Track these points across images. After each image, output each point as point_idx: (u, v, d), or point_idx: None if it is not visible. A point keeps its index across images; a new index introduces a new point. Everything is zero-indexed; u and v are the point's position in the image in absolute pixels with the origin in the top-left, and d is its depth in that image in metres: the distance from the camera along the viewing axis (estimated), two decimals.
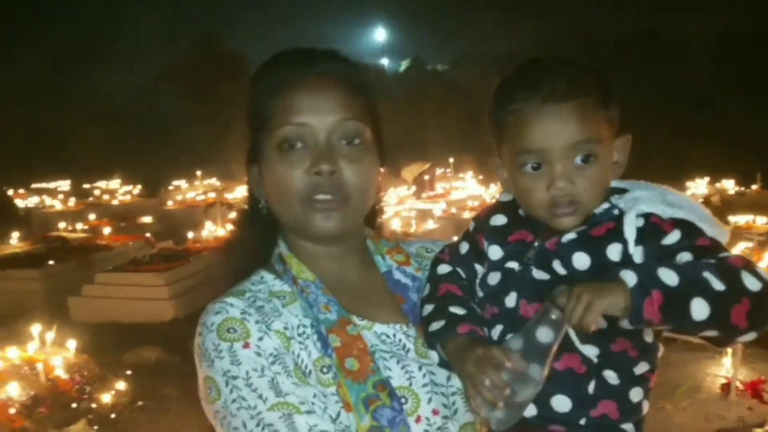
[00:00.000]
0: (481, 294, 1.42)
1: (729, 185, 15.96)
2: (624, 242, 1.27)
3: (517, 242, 1.39)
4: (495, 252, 1.41)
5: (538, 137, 1.30)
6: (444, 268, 1.47)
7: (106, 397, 5.24)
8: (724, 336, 1.18)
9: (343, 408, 1.25)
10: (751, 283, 1.14)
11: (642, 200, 1.30)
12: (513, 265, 1.38)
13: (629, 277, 1.13)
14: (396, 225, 11.23)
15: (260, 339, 1.28)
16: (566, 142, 1.28)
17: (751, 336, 1.17)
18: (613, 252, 1.27)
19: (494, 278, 1.39)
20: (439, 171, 17.84)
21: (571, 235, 1.32)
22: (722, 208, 13.19)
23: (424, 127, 23.90)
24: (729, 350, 5.28)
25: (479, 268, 1.45)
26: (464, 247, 1.49)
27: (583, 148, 1.29)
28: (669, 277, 1.13)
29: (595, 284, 1.16)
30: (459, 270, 1.46)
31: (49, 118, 28.55)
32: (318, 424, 1.21)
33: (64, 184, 22.04)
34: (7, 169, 20.03)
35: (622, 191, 1.36)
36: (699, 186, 15.61)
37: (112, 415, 5.14)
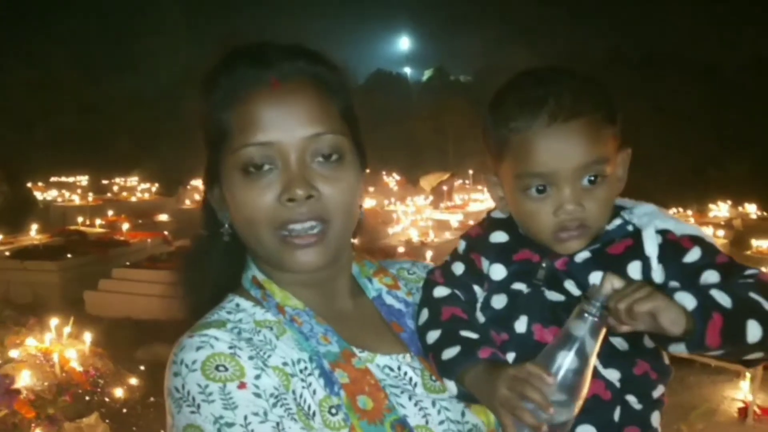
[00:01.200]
0: (483, 318, 1.31)
1: (751, 209, 15.82)
2: (644, 260, 1.21)
3: (523, 262, 1.30)
4: (498, 272, 1.32)
5: (545, 159, 1.21)
6: (441, 291, 1.35)
7: (119, 392, 5.24)
8: (764, 357, 1.14)
9: None
10: None
11: (654, 215, 1.25)
12: (520, 286, 1.29)
13: (688, 300, 1.06)
14: (413, 234, 11.23)
15: (257, 377, 1.09)
16: (575, 164, 1.20)
17: None
18: (634, 270, 1.21)
19: (500, 301, 1.29)
20: (458, 182, 17.82)
21: (584, 254, 1.26)
22: (744, 232, 13.06)
23: (444, 137, 23.89)
24: (747, 374, 5.21)
25: (478, 290, 1.35)
26: (459, 268, 1.37)
27: (592, 169, 1.21)
28: (724, 299, 1.07)
29: (657, 290, 1.07)
30: (457, 292, 1.35)
31: (70, 113, 28.85)
32: None
33: (83, 179, 22.21)
34: (27, 161, 20.20)
35: (620, 208, 1.31)
36: (721, 209, 15.48)
37: (124, 410, 5.15)
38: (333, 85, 1.23)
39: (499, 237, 1.35)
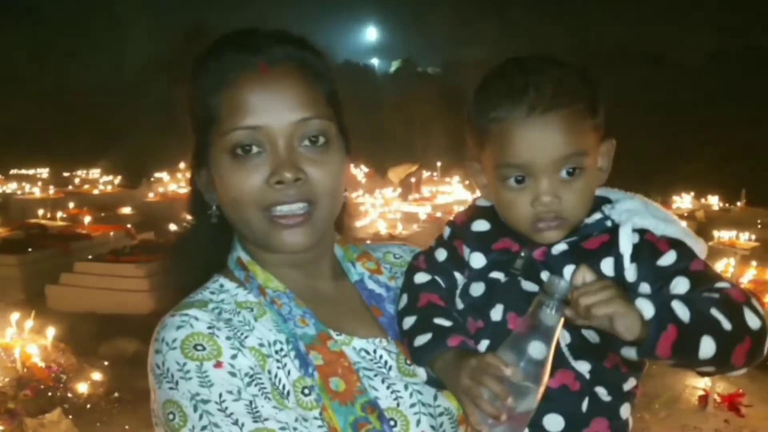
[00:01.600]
0: (461, 305, 1.33)
1: (714, 201, 16.14)
2: (618, 257, 1.22)
3: (502, 251, 1.31)
4: (477, 260, 1.33)
5: (522, 150, 1.21)
6: (422, 277, 1.37)
7: (82, 387, 5.16)
8: (716, 371, 1.14)
9: None
10: (753, 322, 1.10)
11: (635, 213, 1.25)
12: (498, 275, 1.30)
13: (647, 308, 1.06)
14: (381, 227, 11.23)
15: (233, 357, 1.13)
16: (553, 156, 1.20)
17: (741, 372, 1.14)
18: (607, 267, 1.22)
19: (477, 289, 1.31)
20: (426, 174, 17.86)
21: (561, 246, 1.26)
22: (707, 223, 13.33)
23: (412, 129, 23.93)
24: None
25: (459, 277, 1.36)
26: (441, 254, 1.39)
27: (570, 161, 1.21)
28: (683, 311, 1.07)
29: (621, 292, 1.07)
30: (438, 278, 1.36)
31: (29, 104, 28.26)
32: None
33: (43, 172, 21.80)
34: None
35: (604, 200, 1.31)
36: (684, 201, 15.76)
37: (88, 405, 5.07)
38: (319, 71, 1.26)
39: (480, 225, 1.36)
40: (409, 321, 1.29)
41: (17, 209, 14.47)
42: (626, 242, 1.21)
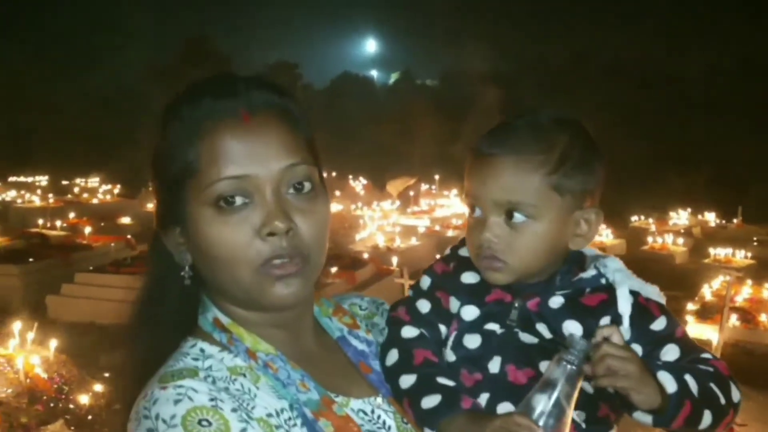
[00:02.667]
0: (453, 357, 1.31)
1: (710, 218, 16.20)
2: (617, 317, 1.25)
3: (495, 302, 1.32)
4: (470, 312, 1.32)
5: (475, 182, 1.28)
6: (410, 331, 1.34)
7: (84, 399, 5.18)
8: None
9: None
10: (736, 396, 1.20)
11: (625, 274, 1.29)
12: (494, 327, 1.30)
13: (669, 383, 1.13)
14: (380, 240, 11.25)
15: (243, 431, 1.03)
16: (494, 196, 1.25)
17: None
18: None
19: (473, 341, 1.30)
20: (424, 187, 17.90)
21: (558, 300, 1.28)
22: (703, 240, 13.40)
23: (411, 141, 23.97)
24: None
25: (443, 329, 1.35)
26: (424, 306, 1.37)
27: (512, 206, 1.25)
28: (694, 386, 1.15)
29: (644, 363, 1.13)
30: (425, 332, 1.34)
31: (28, 112, 28.27)
32: None
33: (42, 179, 21.80)
34: None
35: (579, 254, 1.34)
36: (681, 217, 15.83)
37: (89, 417, 5.09)
38: (298, 117, 1.21)
39: (469, 278, 1.35)
40: (408, 380, 1.27)
41: (17, 218, 14.48)
42: (625, 304, 1.25)
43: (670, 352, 1.23)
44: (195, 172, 1.12)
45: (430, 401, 1.22)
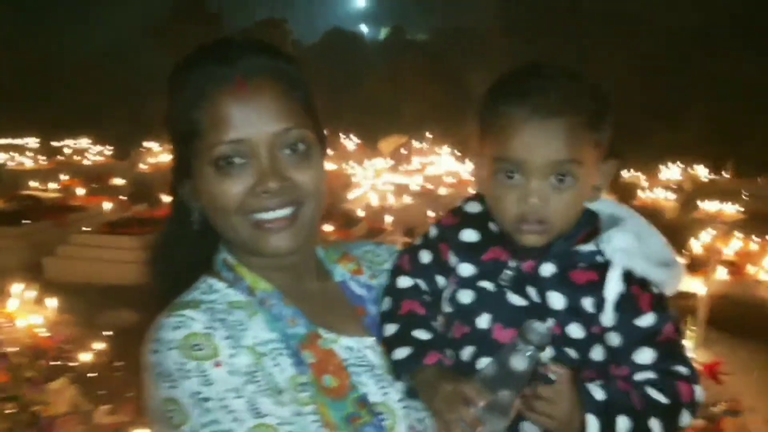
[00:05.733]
0: (449, 309, 1.36)
1: (701, 171, 16.26)
2: (601, 300, 1.25)
3: (491, 261, 1.33)
4: (466, 269, 1.35)
5: (518, 147, 1.24)
6: (404, 281, 1.40)
7: (85, 357, 5.28)
8: None
9: (323, 427, 1.18)
10: (684, 422, 1.23)
11: (627, 253, 1.26)
12: (487, 284, 1.32)
13: (593, 426, 1.16)
14: (373, 198, 11.29)
15: (231, 356, 1.17)
16: (545, 159, 1.23)
17: None
18: (588, 305, 1.26)
19: (466, 296, 1.33)
20: (416, 145, 17.89)
21: (549, 268, 1.29)
22: (693, 193, 13.47)
23: (402, 98, 23.84)
24: (688, 333, 5.46)
25: (441, 280, 1.39)
26: (426, 257, 1.41)
27: (562, 168, 1.24)
28: (624, 427, 1.17)
29: (565, 404, 1.16)
30: (420, 283, 1.40)
31: (15, 72, 27.89)
32: None
33: (32, 141, 21.66)
34: None
35: (592, 216, 1.34)
36: (672, 171, 15.89)
37: (92, 375, 5.19)
38: (294, 80, 1.28)
39: (469, 236, 1.38)
40: (390, 329, 1.33)
41: (9, 180, 14.42)
42: (612, 290, 1.24)
43: (645, 355, 1.23)
44: (199, 133, 1.23)
45: (400, 353, 1.29)
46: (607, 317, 1.24)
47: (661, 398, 1.20)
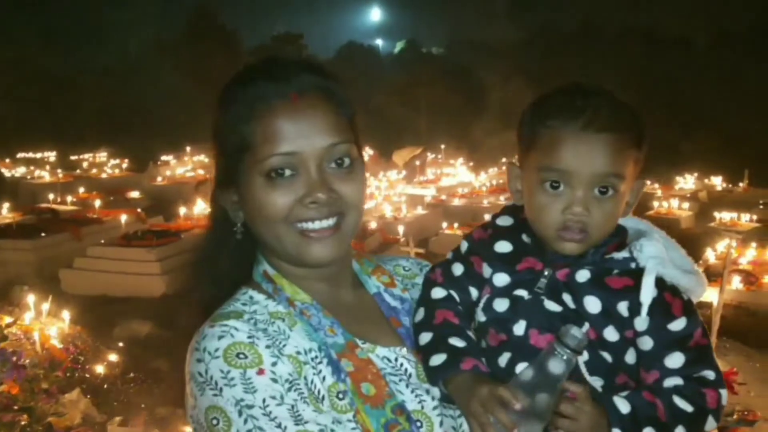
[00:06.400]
0: (484, 318, 1.40)
1: (717, 182, 16.15)
2: (636, 305, 1.30)
3: (526, 270, 1.39)
4: (501, 279, 1.41)
5: (568, 158, 1.31)
6: (438, 292, 1.46)
7: (99, 368, 5.32)
8: None
9: None
10: (710, 425, 1.27)
11: (659, 262, 1.32)
12: (522, 293, 1.37)
13: None
14: (387, 210, 11.30)
15: (274, 364, 1.22)
16: (594, 170, 1.31)
17: None
18: (623, 309, 1.32)
19: (501, 305, 1.38)
20: (430, 156, 17.90)
21: (585, 274, 1.35)
22: (709, 204, 13.38)
23: (416, 111, 23.91)
24: None
25: (474, 292, 1.45)
26: (458, 269, 1.48)
27: (606, 180, 1.31)
28: None
29: (586, 420, 1.21)
30: (453, 293, 1.45)
31: (35, 87, 28.27)
32: None
33: (51, 155, 21.89)
34: None
35: (621, 229, 1.41)
36: (687, 181, 15.78)
37: (105, 386, 5.23)
38: (341, 98, 1.36)
39: (503, 247, 1.44)
40: (425, 337, 1.38)
41: (27, 193, 14.58)
42: (647, 295, 1.30)
43: (675, 359, 1.28)
44: (250, 146, 1.30)
45: (437, 359, 1.33)
46: (642, 321, 1.30)
47: (687, 407, 1.25)
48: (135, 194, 14.39)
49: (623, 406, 1.23)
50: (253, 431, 1.16)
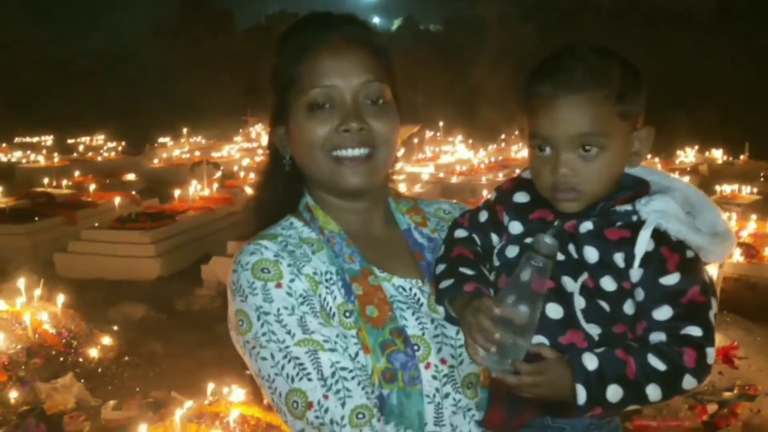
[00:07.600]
0: (497, 263, 1.49)
1: (717, 155, 16.08)
2: (631, 256, 1.33)
3: (538, 220, 1.46)
4: (516, 227, 1.49)
5: (545, 124, 1.36)
6: (461, 233, 1.55)
7: (93, 352, 5.27)
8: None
9: (362, 349, 1.37)
10: (688, 384, 1.28)
11: (661, 216, 1.34)
12: (531, 241, 1.40)
13: (581, 395, 1.26)
14: None
15: (291, 281, 1.39)
16: (570, 133, 1.34)
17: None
18: (619, 259, 1.35)
19: (512, 251, 1.46)
20: (428, 134, 17.80)
21: (588, 225, 1.39)
22: (710, 177, 13.32)
23: (414, 88, 23.76)
24: None
25: (495, 238, 1.53)
26: (483, 216, 1.56)
27: (586, 140, 1.34)
28: (615, 395, 1.26)
29: (555, 379, 1.28)
30: (475, 236, 1.54)
31: (32, 71, 28.12)
32: (339, 361, 1.34)
33: (47, 139, 21.81)
34: None
35: (642, 184, 1.43)
36: (688, 154, 15.71)
37: (99, 370, 5.19)
38: (380, 48, 1.51)
39: (521, 197, 1.52)
40: (440, 267, 1.49)
41: (23, 178, 14.53)
42: (641, 247, 1.33)
43: (662, 312, 1.30)
44: (297, 82, 1.46)
45: (446, 283, 1.44)
46: (635, 273, 1.33)
47: (660, 366, 1.27)
48: (131, 177, 14.32)
49: (590, 362, 1.26)
50: (267, 334, 1.35)
